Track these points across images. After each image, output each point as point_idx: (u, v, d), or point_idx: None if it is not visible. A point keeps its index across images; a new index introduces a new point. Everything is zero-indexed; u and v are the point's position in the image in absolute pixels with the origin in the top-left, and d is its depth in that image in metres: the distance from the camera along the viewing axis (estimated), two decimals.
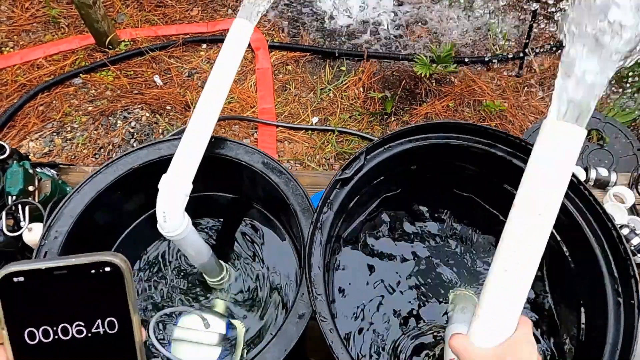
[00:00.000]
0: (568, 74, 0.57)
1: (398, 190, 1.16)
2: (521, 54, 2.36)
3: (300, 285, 0.89)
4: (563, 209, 0.89)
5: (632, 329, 0.76)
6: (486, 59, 2.41)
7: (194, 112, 1.00)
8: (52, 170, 1.40)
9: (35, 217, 1.21)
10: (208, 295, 1.27)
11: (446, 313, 1.09)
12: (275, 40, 2.51)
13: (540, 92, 2.34)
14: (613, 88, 2.23)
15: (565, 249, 0.93)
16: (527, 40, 2.25)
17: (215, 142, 1.05)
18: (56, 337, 0.33)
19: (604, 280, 0.81)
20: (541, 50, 2.45)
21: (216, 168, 1.09)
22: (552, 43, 2.49)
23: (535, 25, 2.37)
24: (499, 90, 2.35)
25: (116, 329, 0.33)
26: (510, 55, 2.42)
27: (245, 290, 1.26)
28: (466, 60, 2.41)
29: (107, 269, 0.32)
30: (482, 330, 0.64)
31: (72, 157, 2.05)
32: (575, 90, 0.56)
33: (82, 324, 0.33)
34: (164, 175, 0.91)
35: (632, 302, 0.77)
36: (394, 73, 2.38)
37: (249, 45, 2.48)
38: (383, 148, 0.94)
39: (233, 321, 1.19)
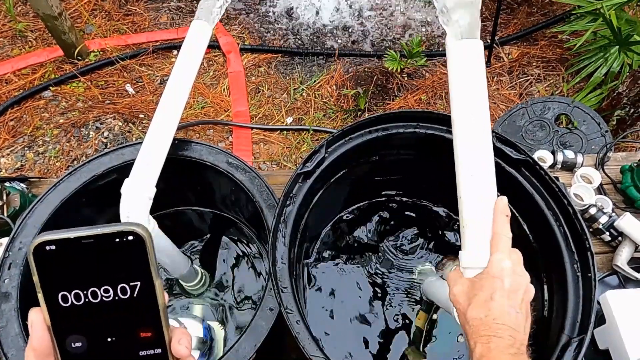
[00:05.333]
0: None
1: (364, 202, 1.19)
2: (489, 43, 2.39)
3: (268, 280, 0.89)
4: (521, 188, 0.91)
5: (590, 302, 0.78)
6: None
7: (155, 114, 0.99)
8: (21, 184, 1.39)
9: (4, 232, 1.20)
10: (185, 300, 1.27)
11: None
12: (246, 43, 2.51)
13: (509, 81, 2.38)
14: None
15: (525, 227, 0.95)
16: (494, 30, 2.29)
17: (179, 145, 1.05)
18: (87, 300, 0.35)
19: (562, 255, 0.84)
20: (508, 39, 2.49)
21: (183, 174, 1.09)
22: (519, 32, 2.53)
23: (501, 14, 2.41)
24: None
25: (140, 293, 0.36)
26: None
27: (221, 292, 1.27)
28: (431, 53, 2.44)
29: (130, 237, 0.35)
30: (468, 244, 0.65)
31: (45, 171, 2.03)
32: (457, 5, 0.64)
33: (110, 288, 0.35)
34: (126, 180, 0.91)
35: (589, 275, 0.79)
36: (366, 70, 2.39)
37: (220, 49, 2.48)
38: (344, 140, 0.95)
39: (211, 323, 1.19)
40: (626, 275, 1.18)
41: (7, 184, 1.31)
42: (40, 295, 0.35)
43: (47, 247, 0.34)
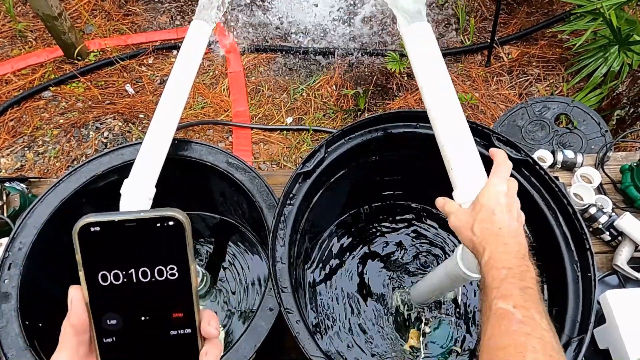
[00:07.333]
0: None
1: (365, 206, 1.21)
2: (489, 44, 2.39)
3: (268, 280, 0.89)
4: (521, 188, 0.91)
5: (590, 302, 0.78)
6: (455, 51, 2.44)
7: (155, 114, 0.99)
8: (21, 185, 1.39)
9: (4, 232, 1.20)
10: None
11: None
12: (246, 43, 2.51)
13: (509, 81, 2.38)
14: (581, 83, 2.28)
15: (525, 227, 0.95)
16: (494, 30, 2.28)
17: (179, 145, 1.05)
18: (125, 280, 0.37)
19: (562, 255, 0.83)
20: (508, 39, 2.48)
21: (183, 174, 1.09)
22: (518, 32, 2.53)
23: (501, 14, 2.41)
24: (469, 81, 2.38)
25: (176, 275, 0.38)
26: (479, 46, 2.45)
27: (222, 293, 1.27)
28: None
29: (171, 222, 0.37)
30: (458, 183, 0.71)
31: (45, 171, 2.03)
32: None
33: (148, 270, 0.37)
34: (125, 180, 0.91)
35: (589, 274, 0.79)
36: (366, 70, 2.40)
37: (220, 49, 2.48)
38: (343, 140, 0.95)
39: None
40: (626, 275, 1.18)
41: (7, 184, 1.31)
42: (81, 274, 0.37)
43: (92, 229, 0.36)
